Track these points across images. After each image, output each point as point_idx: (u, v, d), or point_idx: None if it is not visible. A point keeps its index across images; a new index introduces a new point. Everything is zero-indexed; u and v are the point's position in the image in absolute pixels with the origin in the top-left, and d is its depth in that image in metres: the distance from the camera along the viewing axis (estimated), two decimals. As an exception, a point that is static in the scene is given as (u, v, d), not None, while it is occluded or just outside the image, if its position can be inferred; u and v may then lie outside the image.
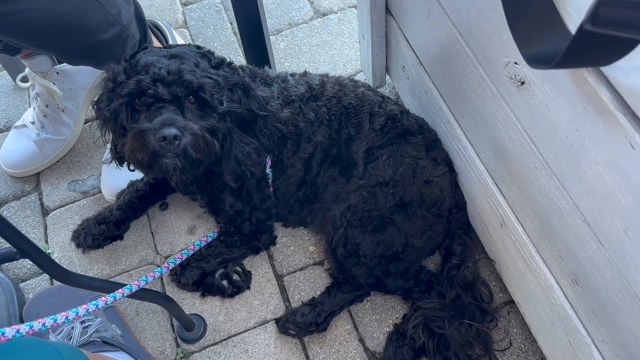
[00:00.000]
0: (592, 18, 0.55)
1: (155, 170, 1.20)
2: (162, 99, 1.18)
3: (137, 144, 1.16)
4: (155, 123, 1.15)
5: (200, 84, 1.19)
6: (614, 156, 0.80)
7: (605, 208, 0.87)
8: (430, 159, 1.41)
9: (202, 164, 1.23)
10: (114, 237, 1.67)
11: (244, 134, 1.29)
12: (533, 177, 1.08)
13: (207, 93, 1.20)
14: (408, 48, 1.54)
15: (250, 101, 1.29)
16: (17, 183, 1.83)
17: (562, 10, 0.78)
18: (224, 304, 1.55)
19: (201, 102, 1.21)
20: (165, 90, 1.17)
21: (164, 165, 1.17)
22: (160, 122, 1.14)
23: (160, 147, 1.15)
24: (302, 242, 1.64)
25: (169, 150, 1.15)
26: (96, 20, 1.39)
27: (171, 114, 1.16)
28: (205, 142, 1.18)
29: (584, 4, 0.73)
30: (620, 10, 0.54)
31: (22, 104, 2.00)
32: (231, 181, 1.32)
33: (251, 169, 1.31)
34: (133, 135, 1.17)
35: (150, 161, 1.17)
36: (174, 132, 1.13)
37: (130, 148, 1.18)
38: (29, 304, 1.49)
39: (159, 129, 1.14)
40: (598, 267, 0.96)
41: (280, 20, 2.14)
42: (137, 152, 1.17)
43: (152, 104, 1.19)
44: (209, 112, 1.22)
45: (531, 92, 0.98)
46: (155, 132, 1.14)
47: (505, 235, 1.31)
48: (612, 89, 0.76)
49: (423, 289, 1.46)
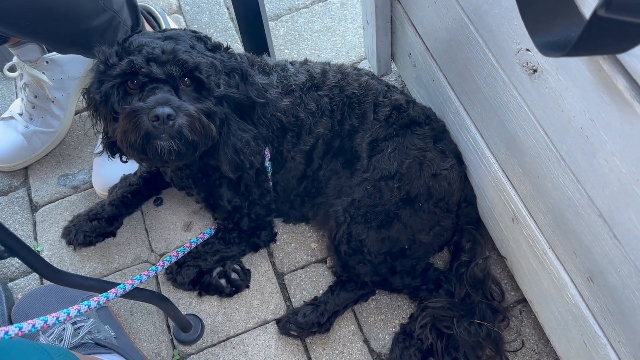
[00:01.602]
0: (606, 3, 0.55)
1: (149, 154, 1.18)
2: (155, 78, 1.17)
3: (129, 125, 1.15)
4: (149, 102, 1.14)
5: (196, 63, 1.19)
6: (631, 148, 0.81)
7: (622, 202, 0.87)
8: (437, 151, 1.41)
9: (198, 148, 1.21)
10: (106, 234, 1.68)
11: (242, 121, 1.29)
12: (546, 170, 1.08)
13: (203, 73, 1.20)
14: (414, 34, 1.54)
15: (248, 87, 1.28)
16: (4, 178, 1.84)
17: (576, -6, 0.78)
18: (222, 304, 1.56)
19: (197, 84, 1.21)
20: (159, 69, 1.17)
21: (158, 148, 1.15)
22: (154, 101, 1.14)
23: (154, 128, 1.13)
24: (304, 238, 1.65)
25: (163, 131, 1.14)
26: (86, 6, 1.40)
27: (165, 94, 1.16)
28: (201, 124, 1.17)
29: (599, -12, 0.73)
30: (637, -5, 0.54)
31: (9, 95, 2.01)
32: (229, 171, 1.31)
33: (250, 158, 1.30)
34: (125, 116, 1.16)
35: (144, 143, 1.16)
36: (167, 111, 1.12)
37: (122, 130, 1.16)
38: (18, 305, 1.50)
39: (152, 108, 1.12)
40: (614, 264, 0.96)
41: (279, 5, 2.13)
42: (129, 134, 1.15)
43: (145, 85, 1.18)
44: (205, 95, 1.21)
45: (544, 81, 0.98)
46: (148, 111, 1.13)
47: (517, 231, 1.31)
48: (629, 77, 0.76)
49: (431, 287, 1.47)
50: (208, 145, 1.23)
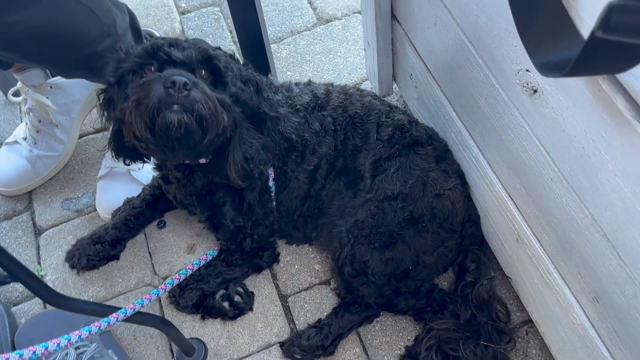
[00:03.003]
0: (603, 25, 0.56)
1: (157, 127, 1.12)
2: (174, 62, 1.17)
3: (142, 92, 1.12)
4: (166, 73, 1.14)
5: (216, 54, 1.21)
6: (633, 168, 0.81)
7: (625, 222, 0.87)
8: (440, 170, 1.41)
9: (207, 132, 1.15)
10: (109, 258, 1.67)
11: (253, 129, 1.29)
12: (549, 190, 1.08)
13: (222, 62, 1.21)
14: (415, 55, 1.55)
15: (261, 100, 1.29)
16: (9, 202, 1.84)
17: (574, 15, 0.78)
18: (225, 327, 1.55)
19: (215, 78, 1.21)
20: (179, 53, 1.17)
21: (168, 119, 1.10)
22: (171, 72, 1.12)
23: (167, 95, 1.10)
24: (307, 260, 1.64)
25: (177, 100, 1.10)
26: (90, 30, 1.41)
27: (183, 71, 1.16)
28: (214, 106, 1.14)
29: (597, 9, 0.73)
30: (633, 17, 0.54)
31: (14, 119, 2.03)
32: (238, 179, 1.28)
33: (259, 166, 1.29)
34: (139, 85, 1.14)
35: (154, 114, 1.11)
36: (184, 79, 1.10)
37: (134, 100, 1.13)
38: (21, 330, 1.50)
39: (169, 76, 1.11)
40: (619, 285, 0.95)
41: (281, 27, 2.15)
42: (140, 102, 1.12)
43: (163, 69, 1.17)
44: (221, 89, 1.21)
45: (544, 101, 0.98)
46: (164, 79, 1.11)
47: (521, 251, 1.31)
48: (628, 97, 0.77)
49: (436, 308, 1.46)
50: (219, 136, 1.19)
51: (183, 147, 1.18)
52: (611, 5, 0.54)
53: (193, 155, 1.25)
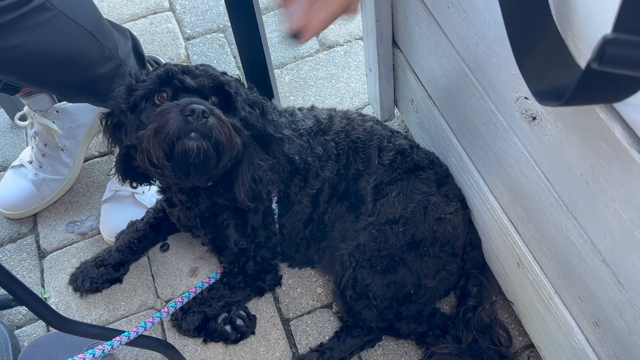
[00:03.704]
0: (598, 57, 0.57)
1: (175, 154, 1.14)
2: (187, 89, 1.20)
3: (161, 120, 1.14)
4: (182, 101, 1.16)
5: (227, 80, 1.25)
6: (631, 194, 0.82)
7: (624, 248, 0.88)
8: (441, 195, 1.42)
9: (222, 157, 1.18)
10: (112, 280, 1.68)
11: (261, 151, 1.31)
12: (549, 215, 1.09)
13: (232, 88, 1.24)
14: (416, 81, 1.57)
15: (267, 123, 1.31)
16: (13, 225, 1.85)
17: (571, 46, 0.80)
18: (227, 351, 1.55)
19: (225, 103, 1.24)
20: (192, 81, 1.21)
21: (187, 146, 1.12)
22: (188, 101, 1.15)
23: (186, 123, 1.12)
24: (309, 283, 1.65)
25: (195, 128, 1.12)
26: (91, 54, 1.43)
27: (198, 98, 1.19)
28: (229, 132, 1.17)
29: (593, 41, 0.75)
30: (627, 50, 0.56)
31: (20, 143, 2.04)
32: (246, 200, 1.29)
33: (267, 187, 1.31)
34: (158, 113, 1.15)
35: (173, 141, 1.13)
36: (202, 107, 1.13)
37: (153, 128, 1.14)
38: (24, 353, 1.49)
39: (187, 104, 1.13)
40: (619, 310, 0.96)
41: (284, 53, 2.18)
42: (160, 130, 1.13)
43: (177, 96, 1.20)
44: (232, 114, 1.24)
45: (543, 128, 0.99)
46: (183, 107, 1.13)
47: (522, 276, 1.31)
48: (625, 125, 0.78)
49: (438, 332, 1.46)
50: (232, 160, 1.22)
51: (199, 172, 1.20)
52: (606, 38, 0.56)
53: (205, 179, 1.26)
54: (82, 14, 1.37)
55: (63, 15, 1.32)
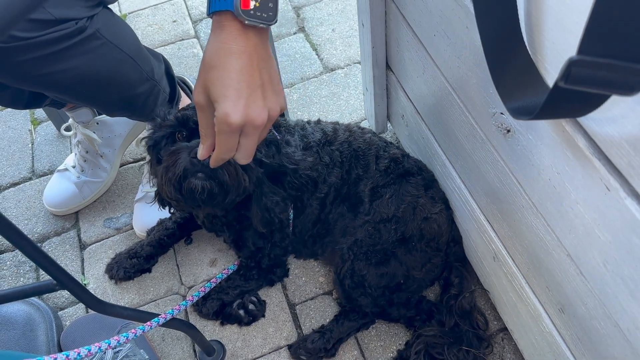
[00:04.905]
0: (564, 77, 0.57)
1: (183, 191, 1.13)
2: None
3: (170, 160, 1.13)
4: (192, 143, 1.13)
5: None
6: (592, 197, 0.81)
7: (586, 244, 0.87)
8: (428, 197, 1.42)
9: (229, 193, 1.15)
10: (143, 270, 1.67)
11: (273, 185, 1.28)
12: (521, 215, 1.08)
13: None
14: (406, 99, 1.57)
15: (282, 157, 1.29)
16: (58, 221, 1.85)
17: (540, 67, 0.80)
18: (241, 331, 1.54)
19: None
20: None
21: (193, 185, 1.10)
22: (196, 143, 1.10)
23: (192, 165, 1.09)
24: (313, 273, 1.64)
25: (200, 169, 1.09)
26: (132, 76, 1.43)
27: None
28: (235, 171, 1.13)
29: (560, 62, 0.75)
30: (590, 71, 0.55)
31: (65, 150, 2.05)
32: (260, 227, 1.29)
33: (279, 216, 1.29)
34: (168, 153, 1.14)
35: (181, 179, 1.11)
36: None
37: (164, 166, 1.14)
38: (66, 331, 1.49)
39: (194, 147, 1.09)
40: (582, 298, 0.95)
41: (293, 75, 2.18)
42: (169, 169, 1.12)
43: (193, 136, 1.17)
44: None
45: (516, 139, 0.99)
46: (190, 149, 1.10)
47: (497, 268, 1.30)
48: (587, 137, 0.77)
49: (424, 317, 1.45)
50: (240, 195, 1.18)
51: (209, 205, 1.18)
52: (571, 60, 0.55)
53: (219, 209, 1.26)
54: (125, 42, 1.36)
55: (110, 43, 1.32)
